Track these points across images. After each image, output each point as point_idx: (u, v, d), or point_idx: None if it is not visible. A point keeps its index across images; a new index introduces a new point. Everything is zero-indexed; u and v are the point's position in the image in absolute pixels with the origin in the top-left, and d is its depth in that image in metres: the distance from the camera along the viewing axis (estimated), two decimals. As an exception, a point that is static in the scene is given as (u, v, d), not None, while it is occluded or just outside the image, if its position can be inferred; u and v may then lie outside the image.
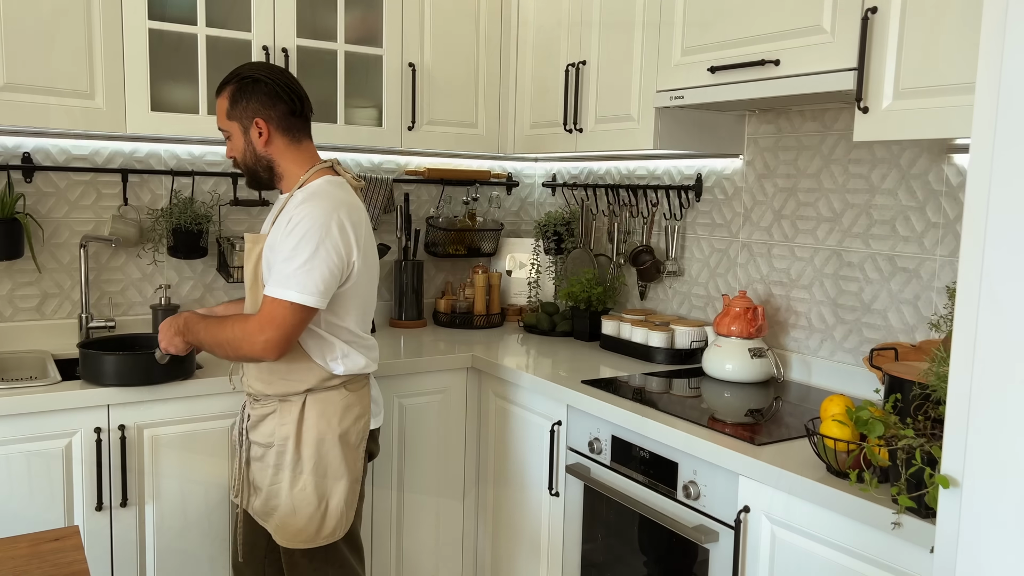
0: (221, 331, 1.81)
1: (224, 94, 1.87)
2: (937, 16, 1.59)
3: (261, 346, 1.73)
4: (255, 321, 1.75)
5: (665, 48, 2.22)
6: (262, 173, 1.89)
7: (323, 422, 1.86)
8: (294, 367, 1.85)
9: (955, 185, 1.95)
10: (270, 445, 1.89)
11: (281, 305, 1.73)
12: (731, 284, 2.55)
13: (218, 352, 1.83)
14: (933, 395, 1.46)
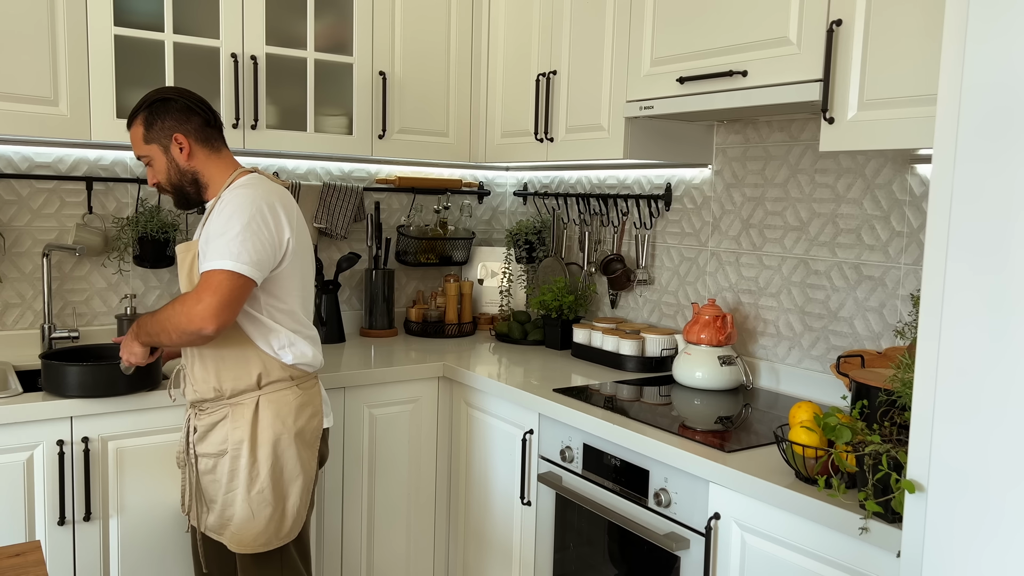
0: (161, 313, 1.80)
1: (137, 122, 1.88)
2: (900, 29, 1.63)
3: (200, 315, 1.69)
4: (192, 293, 1.74)
5: (635, 58, 2.24)
6: (188, 188, 1.90)
7: (278, 422, 1.86)
8: (242, 358, 1.84)
9: (918, 195, 1.99)
10: (222, 453, 1.87)
11: (215, 273, 1.72)
12: (700, 292, 2.57)
13: (163, 339, 1.80)
14: (899, 401, 1.49)
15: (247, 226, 1.74)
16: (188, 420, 1.94)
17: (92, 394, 2.01)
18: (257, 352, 1.85)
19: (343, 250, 3.00)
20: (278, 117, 2.54)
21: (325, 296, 2.81)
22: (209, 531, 1.93)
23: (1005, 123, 1.06)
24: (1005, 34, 1.06)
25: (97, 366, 2.03)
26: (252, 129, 2.44)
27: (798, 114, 2.22)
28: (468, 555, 2.53)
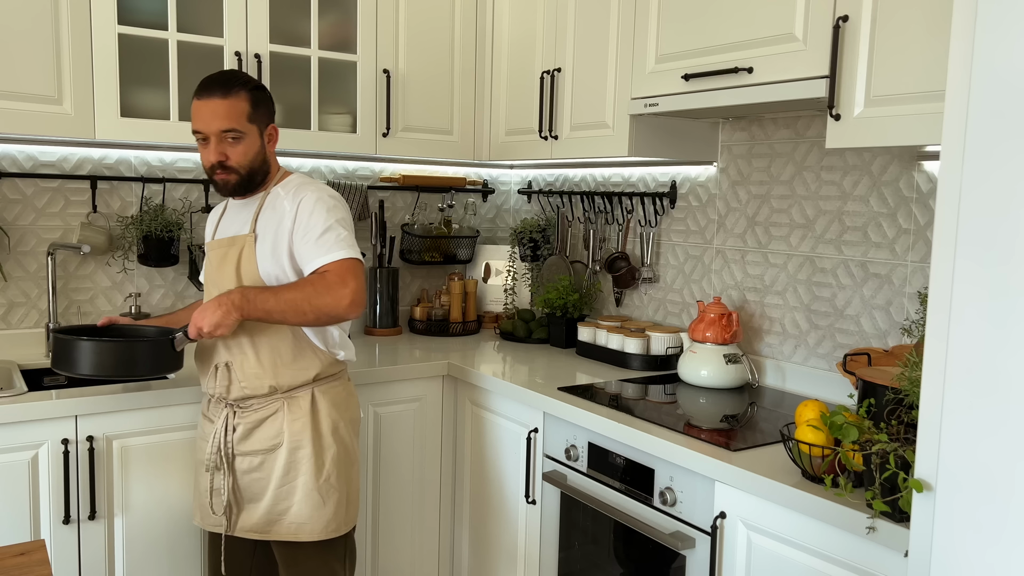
0: (291, 292, 1.77)
1: (242, 96, 1.84)
2: (907, 24, 1.61)
3: (348, 298, 1.76)
4: (332, 275, 1.78)
5: (640, 56, 2.23)
6: (258, 176, 1.92)
7: (335, 411, 1.93)
8: (301, 355, 1.89)
9: (925, 192, 1.97)
10: (274, 448, 1.88)
11: (347, 262, 1.80)
12: (706, 290, 2.56)
13: (290, 317, 1.78)
14: (906, 400, 1.48)
15: (344, 220, 1.86)
16: (225, 420, 1.90)
17: (108, 373, 1.82)
18: (315, 349, 1.90)
19: (347, 248, 2.99)
20: (282, 115, 2.54)
21: (329, 295, 2.81)
22: (247, 532, 1.91)
23: (1014, 118, 1.05)
24: (1014, 28, 1.05)
25: (115, 342, 1.84)
26: (256, 127, 2.43)
27: (804, 111, 2.20)
28: (473, 554, 2.53)
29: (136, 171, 2.62)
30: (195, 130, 1.85)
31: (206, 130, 1.83)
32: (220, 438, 1.89)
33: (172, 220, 2.58)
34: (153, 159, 2.64)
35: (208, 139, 1.84)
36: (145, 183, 2.61)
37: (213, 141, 1.83)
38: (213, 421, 1.94)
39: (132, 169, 2.61)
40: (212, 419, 1.95)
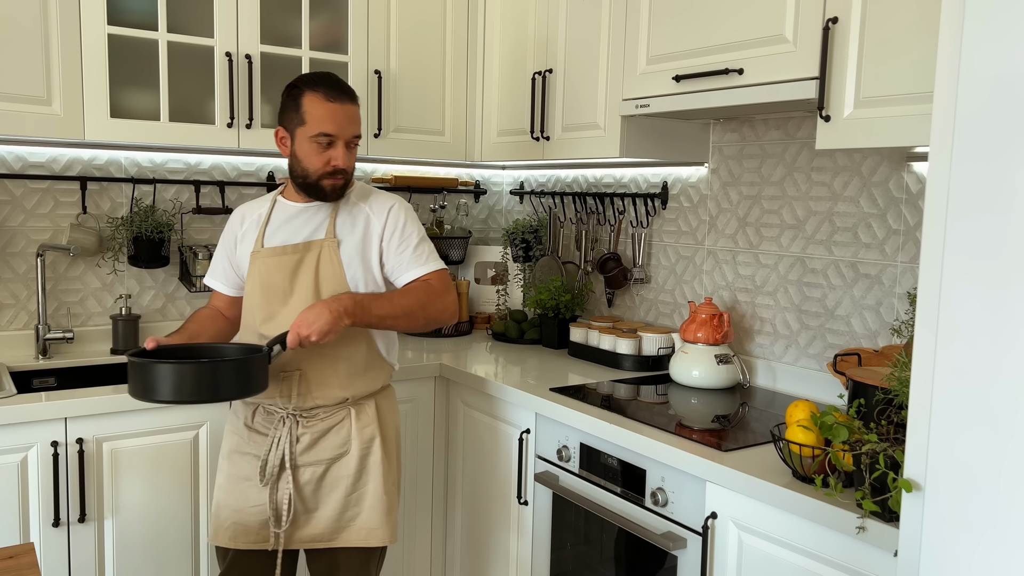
0: (404, 299, 1.84)
1: (358, 104, 1.87)
2: (896, 26, 1.62)
3: (453, 306, 1.90)
4: (439, 284, 1.89)
5: (631, 57, 2.24)
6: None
7: (394, 415, 1.99)
8: (371, 366, 1.91)
9: (915, 193, 1.98)
10: (341, 455, 1.86)
11: (446, 273, 1.93)
12: (697, 291, 2.56)
13: (401, 323, 1.83)
14: (896, 400, 1.48)
15: (424, 231, 1.96)
16: (289, 431, 1.83)
17: (193, 399, 1.68)
18: (382, 360, 1.95)
19: (339, 249, 2.99)
20: (273, 116, 2.53)
21: (321, 296, 2.80)
22: (307, 542, 1.87)
23: (1002, 120, 1.06)
24: (1002, 31, 1.06)
25: (200, 363, 1.64)
26: (247, 128, 2.43)
27: (794, 112, 2.21)
28: (465, 555, 2.53)
29: (126, 172, 2.60)
30: (327, 132, 1.79)
31: (341, 134, 1.80)
32: (285, 449, 1.83)
33: (163, 221, 2.57)
34: (143, 160, 2.63)
35: (335, 142, 1.80)
36: (135, 184, 2.60)
37: (342, 145, 1.81)
38: (265, 433, 1.86)
39: (122, 170, 2.60)
40: (263, 431, 1.87)
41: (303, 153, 1.82)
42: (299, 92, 1.81)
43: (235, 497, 1.87)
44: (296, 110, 1.81)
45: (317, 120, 1.79)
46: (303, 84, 1.82)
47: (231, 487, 1.88)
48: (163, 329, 2.68)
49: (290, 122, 1.83)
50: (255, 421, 1.89)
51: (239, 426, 1.90)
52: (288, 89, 1.85)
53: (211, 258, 2.58)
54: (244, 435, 1.89)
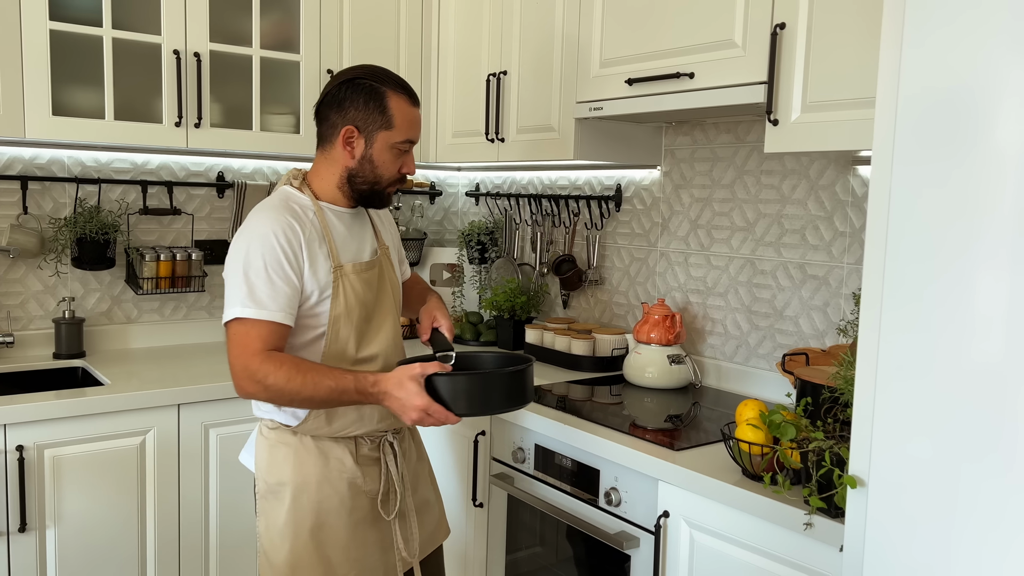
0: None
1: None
2: (840, 33, 1.66)
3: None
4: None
5: (584, 60, 2.25)
6: None
7: None
8: None
9: (860, 196, 2.03)
10: (419, 460, 1.85)
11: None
12: (650, 292, 2.59)
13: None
14: (842, 398, 1.52)
15: None
16: (392, 450, 1.71)
17: (516, 406, 1.63)
18: None
19: (291, 251, 2.95)
20: (223, 115, 2.49)
21: (273, 298, 2.76)
22: (424, 545, 1.79)
23: (940, 126, 1.09)
24: (939, 41, 1.09)
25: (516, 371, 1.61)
26: (196, 127, 2.38)
27: (744, 116, 2.25)
28: (420, 558, 2.51)
29: (69, 171, 2.53)
30: (412, 139, 1.66)
31: (417, 140, 1.69)
32: (392, 473, 1.71)
33: (108, 222, 2.51)
34: (88, 159, 2.56)
35: (410, 149, 1.68)
36: (79, 184, 2.53)
37: (412, 152, 1.69)
38: (376, 457, 1.70)
39: (65, 169, 2.53)
40: (373, 454, 1.70)
41: (381, 159, 1.63)
42: (382, 91, 1.61)
43: (357, 550, 1.66)
44: (381, 112, 1.60)
45: (405, 126, 1.63)
46: (381, 83, 1.62)
47: (349, 539, 1.65)
48: (109, 333, 2.61)
49: (371, 123, 1.61)
50: (361, 452, 1.68)
51: (345, 466, 1.65)
52: (355, 84, 1.61)
53: (159, 259, 2.55)
54: (356, 473, 1.66)
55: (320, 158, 1.68)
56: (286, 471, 1.63)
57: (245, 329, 1.52)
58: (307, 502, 1.62)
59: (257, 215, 1.59)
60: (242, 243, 1.56)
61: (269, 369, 1.50)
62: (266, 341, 1.52)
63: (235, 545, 2.28)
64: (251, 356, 1.50)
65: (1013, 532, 1.03)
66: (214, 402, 2.21)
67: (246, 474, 2.27)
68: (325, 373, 1.52)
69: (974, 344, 1.06)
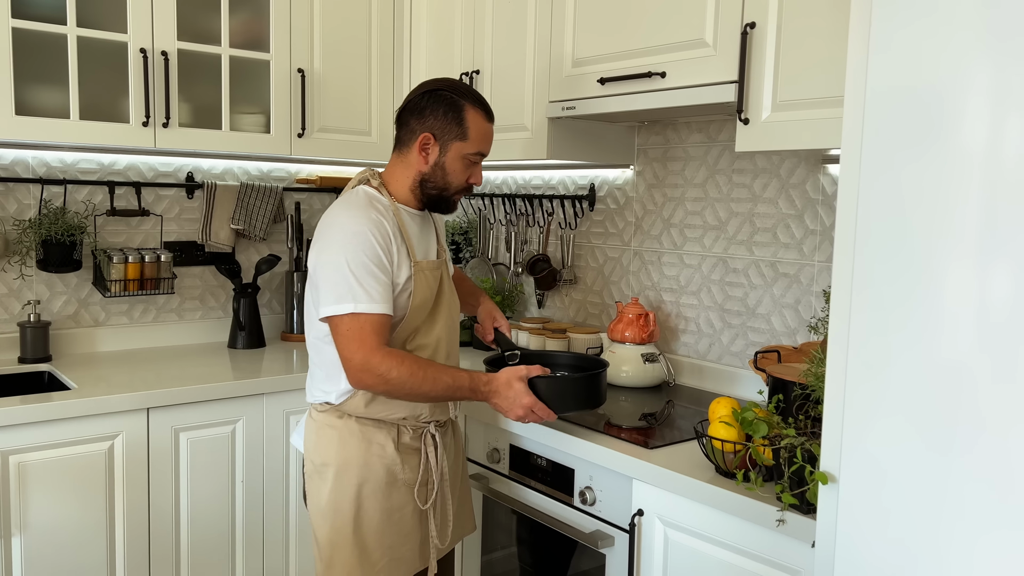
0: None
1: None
2: (810, 32, 1.67)
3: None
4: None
5: (556, 59, 2.25)
6: None
7: None
8: None
9: (830, 194, 2.05)
10: (457, 454, 1.90)
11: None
12: (624, 291, 2.60)
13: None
14: (813, 395, 1.53)
15: None
16: (434, 441, 1.77)
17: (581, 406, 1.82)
18: None
19: (262, 252, 2.92)
20: (191, 115, 2.45)
21: (244, 300, 2.73)
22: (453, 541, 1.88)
23: (907, 123, 1.10)
24: (905, 40, 1.10)
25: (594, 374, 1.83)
26: (164, 127, 2.35)
27: (716, 115, 2.26)
28: (395, 560, 2.50)
29: (34, 172, 2.48)
30: (483, 152, 1.78)
31: (487, 153, 1.80)
32: (431, 464, 1.77)
33: (74, 224, 2.46)
34: (52, 159, 2.51)
35: (480, 162, 1.80)
36: (44, 184, 2.49)
37: (480, 164, 1.81)
38: (417, 447, 1.76)
39: (29, 170, 2.48)
40: (415, 444, 1.76)
41: (452, 167, 1.75)
42: (460, 104, 1.72)
43: (391, 536, 1.73)
44: (458, 123, 1.72)
45: (479, 139, 1.75)
46: (461, 96, 1.73)
47: (384, 525, 1.72)
48: (76, 336, 2.56)
49: (447, 133, 1.72)
50: (402, 440, 1.74)
51: (386, 451, 1.72)
52: (437, 95, 1.73)
53: (127, 261, 2.51)
54: (396, 460, 1.72)
55: (396, 161, 1.78)
56: (331, 452, 1.72)
57: (359, 324, 1.60)
58: (347, 483, 1.70)
59: (346, 213, 1.67)
60: (337, 241, 1.64)
61: (391, 364, 1.59)
62: (380, 334, 1.62)
63: (207, 550, 2.25)
64: (371, 351, 1.59)
65: (981, 526, 1.05)
66: (185, 405, 2.18)
67: (217, 476, 2.25)
68: (442, 370, 1.66)
69: (943, 340, 1.07)
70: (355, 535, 1.69)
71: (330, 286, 1.62)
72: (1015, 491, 1.01)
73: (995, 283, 1.02)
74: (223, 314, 2.85)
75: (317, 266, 1.66)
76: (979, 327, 1.04)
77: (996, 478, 1.03)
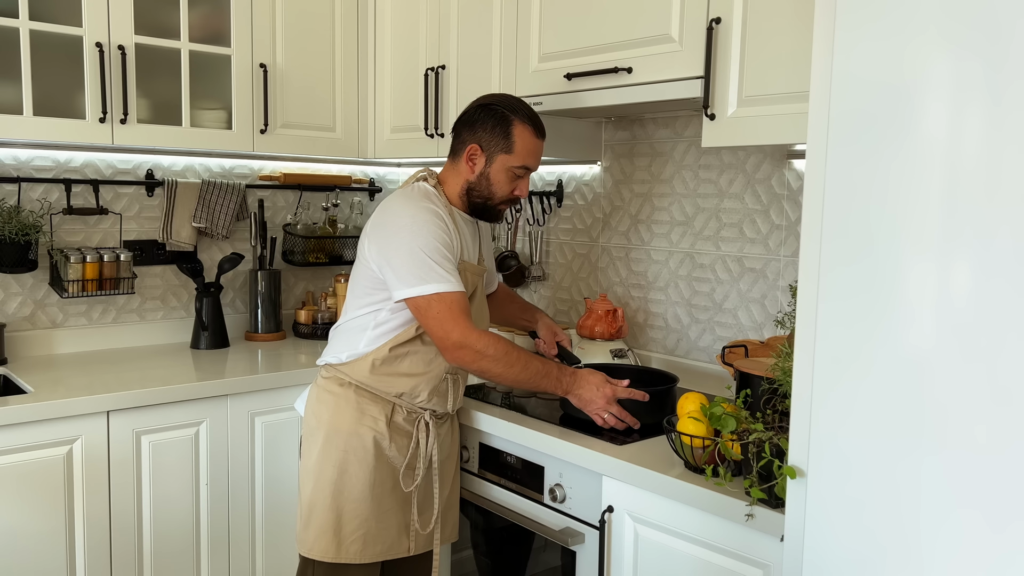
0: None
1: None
2: (774, 28, 1.68)
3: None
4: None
5: (523, 54, 2.24)
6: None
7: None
8: None
9: (795, 189, 2.06)
10: (451, 451, 1.95)
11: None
12: (592, 287, 2.59)
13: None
14: (780, 389, 1.53)
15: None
16: (427, 428, 1.84)
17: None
18: None
19: (225, 251, 2.87)
20: (150, 111, 2.40)
21: (206, 299, 2.68)
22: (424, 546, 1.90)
23: (871, 118, 1.10)
24: (870, 36, 1.10)
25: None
26: (122, 123, 2.29)
27: (682, 111, 2.26)
28: (364, 561, 2.47)
29: (-14, 170, 2.41)
30: (529, 167, 1.84)
31: (534, 168, 1.87)
32: (433, 450, 1.86)
33: (29, 223, 2.39)
34: (5, 156, 2.44)
35: (526, 175, 1.86)
36: None
37: (528, 178, 1.88)
38: (409, 430, 1.85)
39: (-19, 168, 2.41)
40: (407, 427, 1.84)
41: (497, 179, 1.83)
42: (509, 119, 1.80)
43: (368, 510, 1.80)
44: (505, 136, 1.80)
45: (525, 153, 1.82)
46: (511, 111, 1.81)
47: (363, 497, 1.80)
48: (33, 338, 2.50)
49: (494, 145, 1.81)
50: (395, 418, 1.83)
51: (377, 424, 1.81)
52: (489, 109, 1.82)
53: (84, 261, 2.45)
54: (384, 434, 1.81)
55: (449, 168, 1.89)
56: (324, 415, 1.83)
57: (447, 304, 1.70)
58: (335, 448, 1.80)
59: (410, 203, 1.77)
60: (406, 227, 1.74)
61: (489, 341, 1.71)
62: (468, 312, 1.74)
63: (171, 555, 2.21)
64: (467, 329, 1.70)
65: (950, 520, 1.06)
66: (146, 408, 2.13)
67: (181, 480, 2.20)
68: (531, 355, 1.78)
69: (910, 333, 1.08)
70: (333, 499, 1.78)
71: (409, 269, 1.70)
72: (981, 482, 1.02)
73: (959, 276, 1.03)
74: (185, 314, 2.80)
75: (388, 251, 1.74)
76: (944, 320, 1.04)
77: (962, 470, 1.04)
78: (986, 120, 1.00)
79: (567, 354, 2.10)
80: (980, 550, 1.03)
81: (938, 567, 1.07)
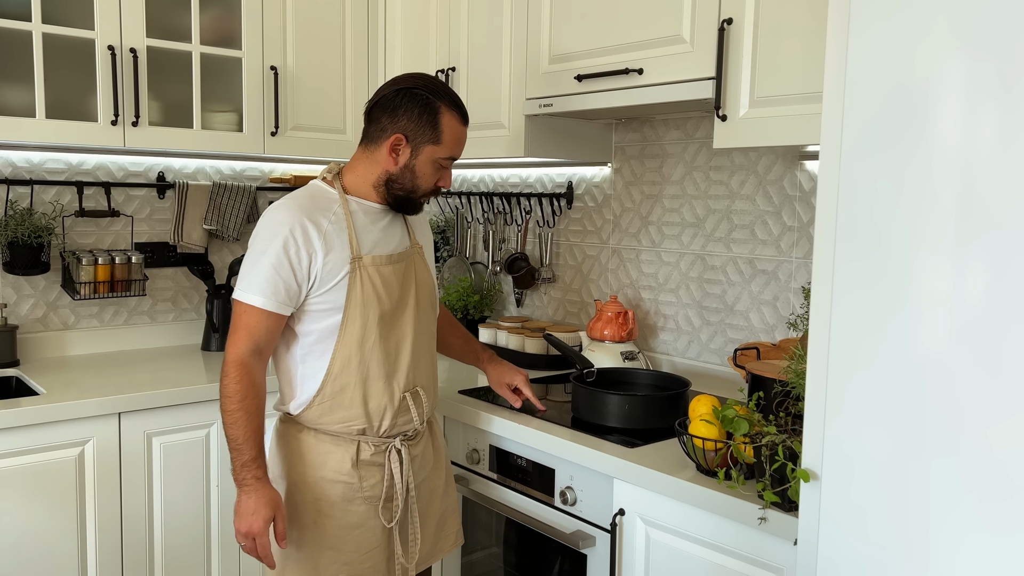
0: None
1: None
2: (787, 28, 1.67)
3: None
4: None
5: (533, 56, 2.23)
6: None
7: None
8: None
9: (808, 190, 2.05)
10: (432, 468, 1.82)
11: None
12: (603, 289, 2.59)
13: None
14: (793, 392, 1.52)
15: None
16: (399, 456, 1.69)
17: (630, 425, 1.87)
18: None
19: (236, 252, 2.87)
20: (162, 113, 2.41)
21: (217, 301, 2.69)
22: (427, 559, 1.80)
23: (886, 119, 1.10)
24: (884, 35, 1.10)
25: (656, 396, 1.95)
26: (133, 126, 2.30)
27: (693, 112, 2.26)
28: (374, 563, 2.47)
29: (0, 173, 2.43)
30: (455, 157, 1.71)
31: (459, 157, 1.75)
32: (397, 478, 1.69)
33: (42, 225, 2.40)
34: (18, 159, 2.45)
35: (450, 165, 1.73)
36: (9, 185, 2.43)
37: (450, 168, 1.74)
38: (380, 464, 1.68)
39: (-6, 170, 2.42)
40: (376, 462, 1.68)
41: (423, 171, 1.68)
42: (436, 106, 1.65)
43: (349, 553, 1.66)
44: (432, 126, 1.65)
45: (452, 143, 1.68)
46: (437, 97, 1.65)
47: (341, 541, 1.65)
48: (45, 340, 2.51)
49: (420, 136, 1.65)
50: (362, 456, 1.67)
51: (342, 468, 1.65)
52: (412, 94, 1.65)
53: (96, 263, 2.46)
54: (352, 476, 1.65)
55: (361, 155, 1.71)
56: (283, 467, 1.68)
57: (243, 316, 1.58)
58: (300, 500, 1.65)
59: (277, 205, 1.64)
60: (263, 231, 1.61)
61: (236, 376, 1.56)
62: (252, 333, 1.58)
63: (182, 556, 2.21)
64: (238, 353, 1.57)
65: (964, 524, 1.04)
66: (157, 409, 2.13)
67: (192, 481, 2.21)
68: (250, 425, 1.57)
69: (924, 336, 1.07)
70: (305, 551, 1.64)
71: (244, 268, 1.61)
72: (997, 488, 1.01)
73: (974, 279, 1.02)
74: (196, 316, 2.80)
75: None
76: (959, 324, 1.03)
77: (978, 475, 1.03)
78: (1000, 120, 0.99)
79: (580, 358, 2.08)
80: (997, 556, 1.02)
81: (956, 574, 1.05)
